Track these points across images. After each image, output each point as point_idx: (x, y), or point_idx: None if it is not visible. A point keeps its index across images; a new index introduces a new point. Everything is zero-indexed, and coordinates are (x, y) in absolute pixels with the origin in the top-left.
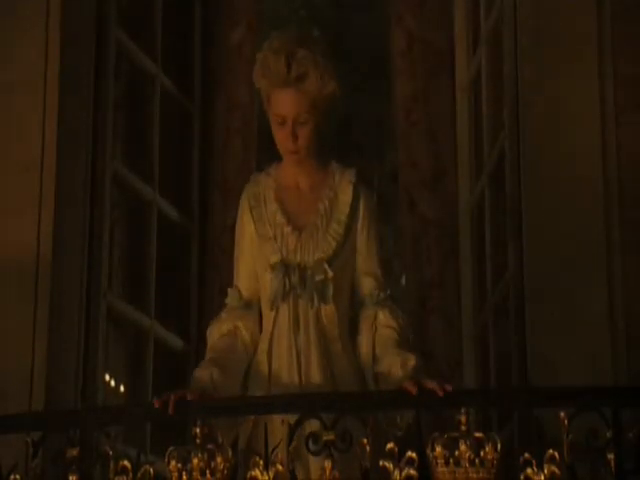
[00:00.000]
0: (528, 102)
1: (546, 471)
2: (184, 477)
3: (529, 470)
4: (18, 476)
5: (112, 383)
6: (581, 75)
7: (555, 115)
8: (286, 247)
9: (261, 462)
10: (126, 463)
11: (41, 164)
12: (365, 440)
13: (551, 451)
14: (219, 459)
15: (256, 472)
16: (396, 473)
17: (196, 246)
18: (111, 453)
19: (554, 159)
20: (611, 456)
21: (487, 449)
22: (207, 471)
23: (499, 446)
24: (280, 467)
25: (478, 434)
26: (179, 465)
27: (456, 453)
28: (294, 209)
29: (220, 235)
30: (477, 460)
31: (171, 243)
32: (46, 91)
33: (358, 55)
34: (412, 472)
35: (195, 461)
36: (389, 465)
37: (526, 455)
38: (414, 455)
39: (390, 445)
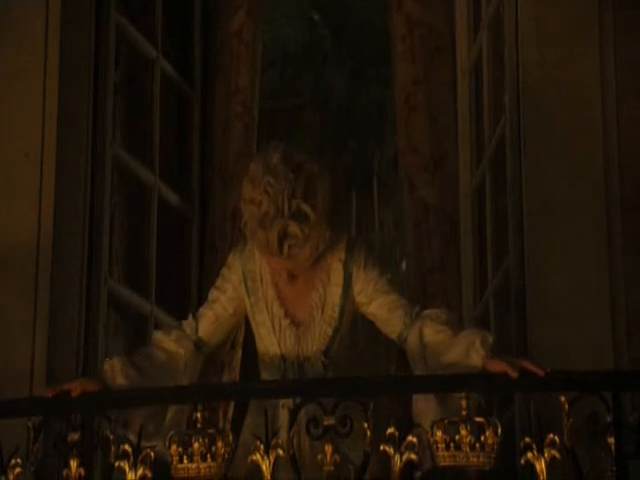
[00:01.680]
0: (529, 86)
1: (546, 455)
2: (185, 461)
3: (529, 454)
4: (19, 460)
5: None
6: (582, 59)
7: (556, 99)
8: (284, 342)
9: (262, 447)
10: (127, 447)
11: (41, 149)
12: (366, 425)
13: (551, 435)
14: (220, 444)
15: (257, 457)
16: (397, 458)
17: (196, 231)
18: (112, 437)
19: (555, 143)
20: (611, 440)
21: (488, 434)
22: (208, 455)
23: (500, 431)
24: (281, 452)
25: (479, 419)
26: (180, 449)
27: (457, 438)
28: (290, 296)
29: (220, 220)
30: (478, 445)
31: (171, 228)
32: (46, 76)
33: (358, 40)
34: (413, 457)
35: (196, 445)
36: (390, 450)
37: (526, 439)
38: (415, 440)
39: (391, 430)
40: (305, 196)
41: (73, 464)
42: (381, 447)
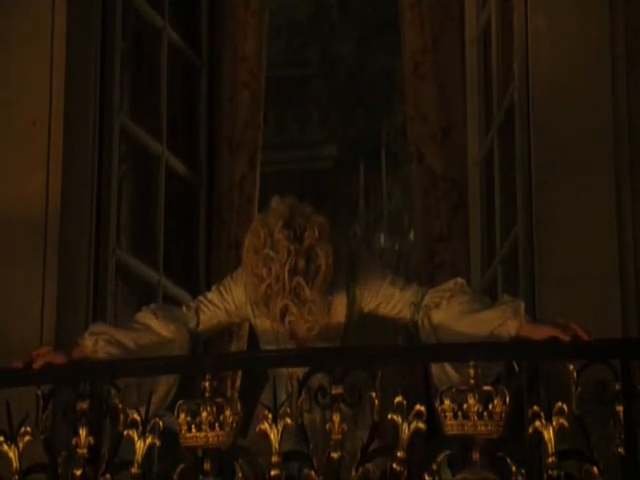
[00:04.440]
0: (538, 53)
1: (555, 424)
2: (193, 430)
3: (538, 423)
4: (29, 428)
5: None
6: (591, 25)
7: (565, 66)
8: None
9: (270, 415)
10: (136, 416)
11: (49, 119)
12: (374, 394)
13: (560, 404)
14: (228, 412)
15: (265, 426)
16: (404, 426)
17: (204, 200)
18: (121, 406)
19: (564, 110)
20: (620, 408)
21: (495, 402)
22: (216, 424)
23: (507, 399)
24: (289, 421)
25: (487, 387)
26: (188, 418)
27: (464, 406)
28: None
29: (227, 189)
30: (485, 413)
31: (179, 197)
32: (53, 45)
33: (365, 8)
34: (420, 425)
35: (204, 414)
36: (397, 418)
37: (535, 408)
38: (422, 408)
39: (398, 399)
40: (306, 270)
41: (82, 433)
42: (389, 416)
